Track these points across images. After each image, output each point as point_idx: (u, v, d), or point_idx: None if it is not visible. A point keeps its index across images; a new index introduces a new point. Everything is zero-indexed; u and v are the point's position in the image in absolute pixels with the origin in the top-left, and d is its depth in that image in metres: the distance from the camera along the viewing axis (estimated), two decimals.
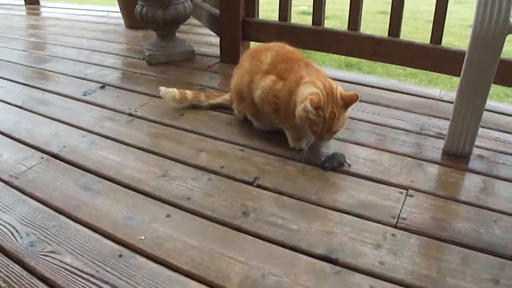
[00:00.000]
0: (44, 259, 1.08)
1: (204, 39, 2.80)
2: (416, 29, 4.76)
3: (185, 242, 1.12)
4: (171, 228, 1.17)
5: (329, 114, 1.36)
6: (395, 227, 1.18)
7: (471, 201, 1.28)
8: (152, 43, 2.44)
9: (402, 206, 1.25)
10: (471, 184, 1.37)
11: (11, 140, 1.63)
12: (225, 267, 1.04)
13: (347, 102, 1.39)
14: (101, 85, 2.11)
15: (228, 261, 1.06)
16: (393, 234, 1.15)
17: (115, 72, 2.29)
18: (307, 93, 1.38)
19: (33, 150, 1.56)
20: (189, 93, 1.80)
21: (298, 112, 1.40)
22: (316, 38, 2.10)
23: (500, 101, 2.94)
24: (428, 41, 1.89)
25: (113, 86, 2.10)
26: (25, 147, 1.59)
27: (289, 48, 1.63)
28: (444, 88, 2.78)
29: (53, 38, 2.98)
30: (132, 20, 2.97)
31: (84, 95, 2.00)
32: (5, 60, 2.49)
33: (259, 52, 1.62)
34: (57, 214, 1.24)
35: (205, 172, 1.41)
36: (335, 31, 2.08)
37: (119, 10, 3.19)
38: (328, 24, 2.20)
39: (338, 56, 3.87)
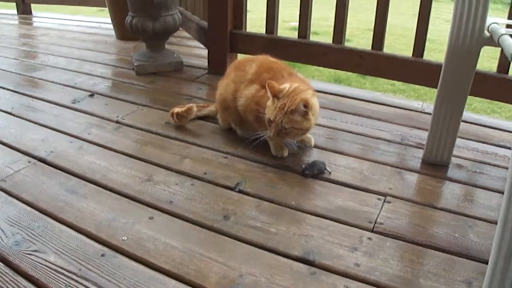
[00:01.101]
0: (28, 257, 1.10)
1: (193, 51, 2.86)
2: (406, 46, 4.86)
3: (166, 243, 1.15)
4: (153, 230, 1.20)
5: (280, 105, 1.43)
6: (372, 231, 1.21)
7: (448, 208, 1.33)
8: (141, 54, 2.49)
9: (380, 212, 1.29)
10: (448, 191, 1.42)
11: (0, 145, 1.66)
12: (204, 267, 1.07)
13: (298, 107, 1.43)
14: (90, 93, 2.14)
15: (207, 262, 1.09)
16: (369, 238, 1.19)
17: (105, 81, 2.34)
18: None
19: (21, 155, 1.59)
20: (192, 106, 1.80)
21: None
22: (302, 50, 2.16)
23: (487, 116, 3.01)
24: (411, 55, 1.96)
25: (102, 94, 2.14)
26: (13, 151, 1.62)
27: (272, 59, 1.69)
28: (431, 102, 2.85)
29: (44, 47, 3.03)
30: (123, 31, 3.03)
31: (73, 102, 2.04)
32: None
33: (244, 64, 1.68)
34: (42, 215, 1.27)
35: (188, 178, 1.45)
36: (320, 44, 2.14)
37: (110, 21, 3.25)
38: (319, 39, 2.26)
39: (328, 71, 3.96)
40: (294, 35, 2.27)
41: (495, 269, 0.67)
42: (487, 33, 1.33)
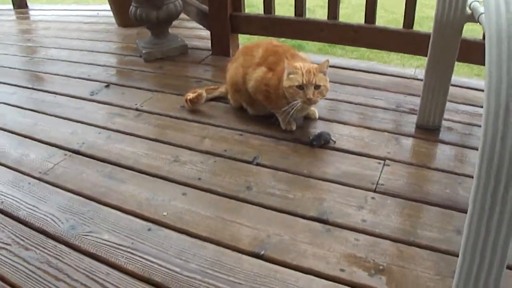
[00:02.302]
0: (85, 238, 1.31)
1: (194, 33, 3.01)
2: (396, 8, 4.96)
3: (201, 215, 1.36)
4: (188, 204, 1.41)
5: (305, 70, 1.62)
6: (374, 191, 1.43)
7: (440, 167, 1.53)
8: (147, 41, 2.65)
9: (380, 174, 1.50)
10: (440, 153, 1.63)
11: (33, 141, 1.83)
12: (236, 231, 1.29)
13: (321, 66, 1.64)
14: (105, 84, 2.32)
15: (238, 227, 1.31)
16: (372, 198, 1.40)
17: (116, 71, 2.51)
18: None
19: (55, 149, 1.77)
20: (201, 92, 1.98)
21: (283, 84, 1.65)
22: (299, 28, 2.33)
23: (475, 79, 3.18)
24: (402, 26, 2.12)
25: (116, 84, 2.32)
26: (48, 146, 1.79)
27: (276, 43, 1.86)
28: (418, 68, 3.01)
29: (49, 41, 3.15)
30: (124, 18, 3.16)
31: (91, 94, 2.21)
32: (8, 67, 2.66)
33: (251, 49, 1.86)
34: (88, 201, 1.46)
35: (211, 156, 1.65)
36: (316, 20, 2.30)
37: (108, 8, 3.35)
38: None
39: (313, 44, 4.07)
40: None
41: (472, 217, 0.87)
42: (469, 11, 1.47)
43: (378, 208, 1.36)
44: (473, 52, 1.89)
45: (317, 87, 1.63)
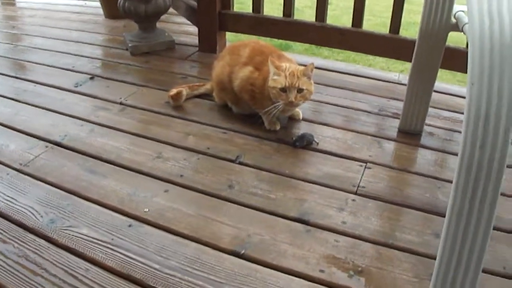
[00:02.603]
0: (64, 232, 1.29)
1: (182, 28, 3.00)
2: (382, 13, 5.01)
3: (182, 212, 1.36)
4: (170, 201, 1.41)
5: (289, 72, 1.63)
6: (355, 193, 1.44)
7: (421, 172, 1.56)
8: (134, 35, 2.63)
9: (362, 177, 1.52)
10: (421, 157, 1.65)
11: (14, 132, 1.80)
12: (217, 230, 1.29)
13: (306, 70, 1.65)
14: (90, 76, 2.30)
15: (219, 225, 1.31)
16: (353, 200, 1.42)
17: (102, 63, 2.48)
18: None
19: (37, 140, 1.74)
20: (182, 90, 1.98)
21: (268, 84, 1.66)
22: (287, 28, 2.33)
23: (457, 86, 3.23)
24: (388, 32, 2.15)
25: (101, 77, 2.30)
26: (28, 137, 1.77)
27: (263, 43, 1.87)
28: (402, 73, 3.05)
29: (35, 29, 3.11)
30: (112, 9, 3.14)
31: (75, 86, 2.19)
32: None
33: (238, 48, 1.86)
34: (69, 195, 1.45)
35: (194, 153, 1.65)
36: (304, 22, 2.31)
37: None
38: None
39: (300, 44, 4.09)
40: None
41: (450, 221, 0.89)
42: (453, 20, 1.50)
43: (358, 210, 1.37)
44: (457, 60, 1.92)
45: (300, 90, 1.64)
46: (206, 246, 1.24)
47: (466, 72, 0.83)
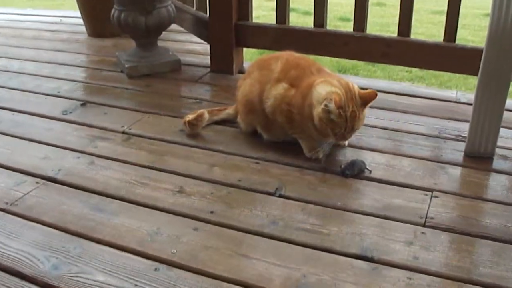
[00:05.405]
0: (74, 280, 1.36)
1: (188, 47, 3.17)
2: (420, 22, 5.22)
3: (220, 252, 1.45)
4: (202, 240, 1.50)
5: (350, 113, 1.73)
6: (424, 225, 1.54)
7: (498, 199, 1.66)
8: (131, 54, 2.77)
9: (429, 207, 1.62)
10: (496, 183, 1.76)
11: None
12: (265, 271, 1.37)
13: (366, 99, 1.77)
14: (81, 102, 2.42)
15: (266, 266, 1.39)
16: (422, 232, 1.51)
17: (93, 87, 2.62)
18: (325, 92, 1.73)
19: (23, 175, 1.84)
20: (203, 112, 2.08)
21: (317, 113, 1.75)
22: (319, 41, 2.48)
23: None
24: (442, 39, 2.28)
25: (95, 103, 2.42)
26: (12, 173, 1.86)
27: (297, 55, 2.00)
28: (459, 90, 3.20)
29: (4, 50, 3.26)
30: (96, 27, 3.32)
31: (64, 114, 2.31)
32: None
33: (268, 62, 1.99)
34: (73, 237, 1.53)
35: (223, 186, 1.75)
36: (340, 32, 2.46)
37: (73, 15, 3.49)
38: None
39: (330, 59, 4.28)
40: (307, 20, 2.56)
41: None
42: None
43: (430, 243, 1.46)
44: None
45: (354, 132, 1.79)
46: None
47: None
